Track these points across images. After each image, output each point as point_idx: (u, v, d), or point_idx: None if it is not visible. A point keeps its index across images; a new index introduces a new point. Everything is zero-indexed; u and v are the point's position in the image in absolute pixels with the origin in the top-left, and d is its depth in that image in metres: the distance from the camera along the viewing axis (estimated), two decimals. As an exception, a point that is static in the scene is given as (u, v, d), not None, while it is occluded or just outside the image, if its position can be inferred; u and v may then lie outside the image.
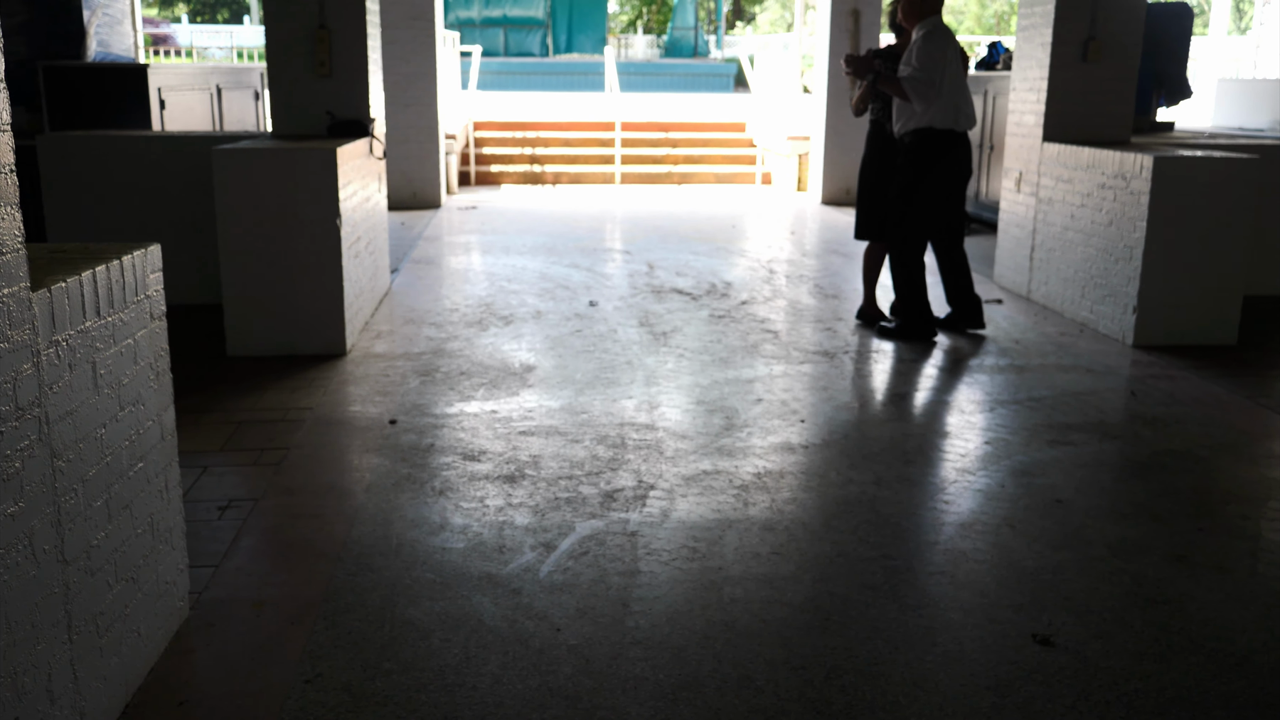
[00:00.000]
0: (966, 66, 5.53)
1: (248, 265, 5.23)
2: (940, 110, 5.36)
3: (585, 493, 3.66)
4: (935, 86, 5.30)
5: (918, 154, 5.46)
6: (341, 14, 6.12)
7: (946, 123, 5.38)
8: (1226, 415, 4.58)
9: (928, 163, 5.46)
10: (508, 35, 30.41)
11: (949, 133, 5.40)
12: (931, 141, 5.42)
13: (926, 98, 5.33)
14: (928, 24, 5.39)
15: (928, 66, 5.30)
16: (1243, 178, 5.46)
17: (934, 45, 5.33)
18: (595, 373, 5.08)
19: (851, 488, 3.73)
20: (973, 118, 5.52)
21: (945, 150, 5.45)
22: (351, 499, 3.59)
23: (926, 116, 5.37)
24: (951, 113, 5.37)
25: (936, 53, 5.32)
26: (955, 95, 5.39)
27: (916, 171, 5.48)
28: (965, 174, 5.65)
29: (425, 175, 10.96)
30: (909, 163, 5.49)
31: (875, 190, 5.77)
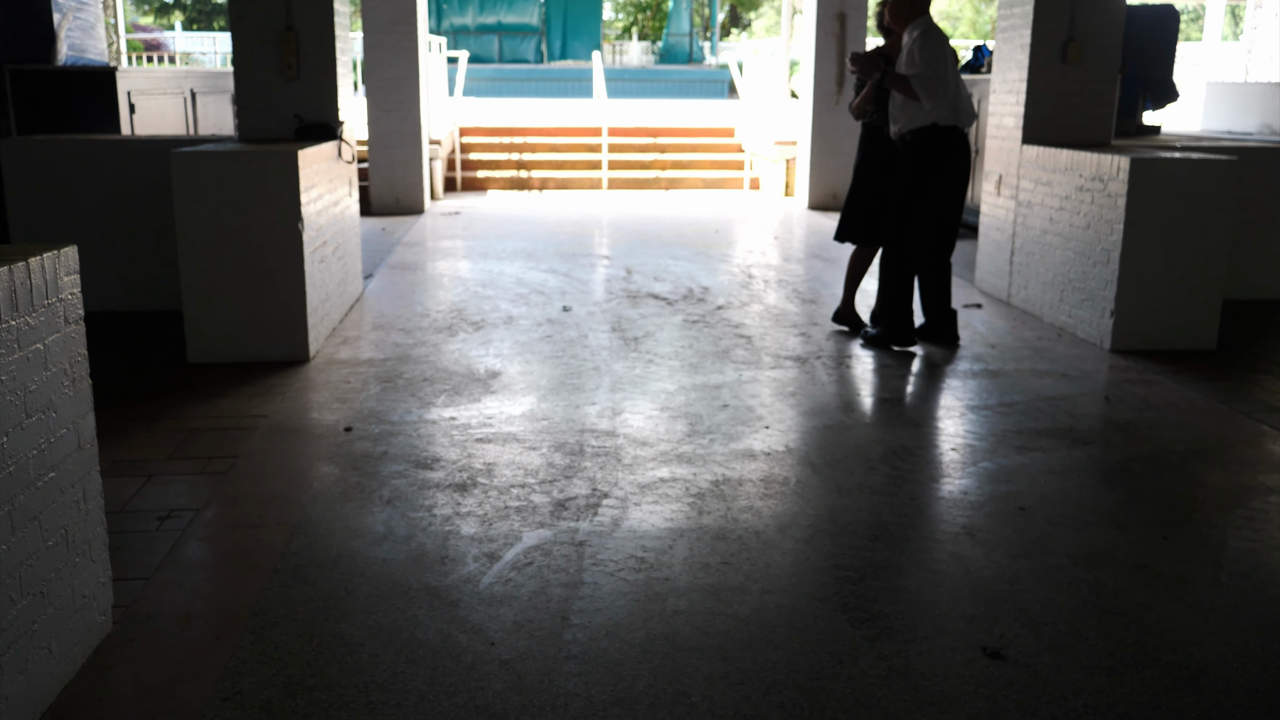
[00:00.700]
0: (957, 65, 5.43)
1: (208, 270, 5.14)
2: (944, 108, 5.24)
3: (537, 501, 3.57)
4: (942, 83, 5.20)
5: (924, 153, 5.30)
6: (309, 15, 6.04)
7: (950, 120, 5.27)
8: (1200, 421, 4.49)
9: (936, 161, 5.32)
10: (502, 42, 30.41)
11: (953, 129, 5.29)
12: (938, 140, 5.28)
13: (934, 95, 5.19)
14: (920, 24, 5.29)
15: (931, 63, 5.19)
16: (1221, 180, 5.37)
17: (932, 42, 5.24)
18: (561, 379, 4.99)
19: (810, 495, 3.64)
20: (973, 114, 5.41)
21: (952, 148, 5.33)
22: (295, 509, 3.49)
23: (932, 114, 5.24)
24: (953, 110, 5.27)
25: (937, 49, 5.23)
26: (960, 94, 5.30)
27: (923, 171, 5.33)
28: (967, 175, 5.53)
29: (408, 180, 10.88)
30: (914, 162, 5.34)
31: (870, 194, 5.62)
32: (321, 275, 5.59)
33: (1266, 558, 3.23)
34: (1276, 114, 9.37)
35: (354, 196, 6.66)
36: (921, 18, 5.31)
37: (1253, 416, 4.54)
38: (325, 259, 5.69)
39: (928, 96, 5.19)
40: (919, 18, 5.31)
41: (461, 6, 30.23)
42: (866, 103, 5.54)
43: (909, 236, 5.45)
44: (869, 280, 6.30)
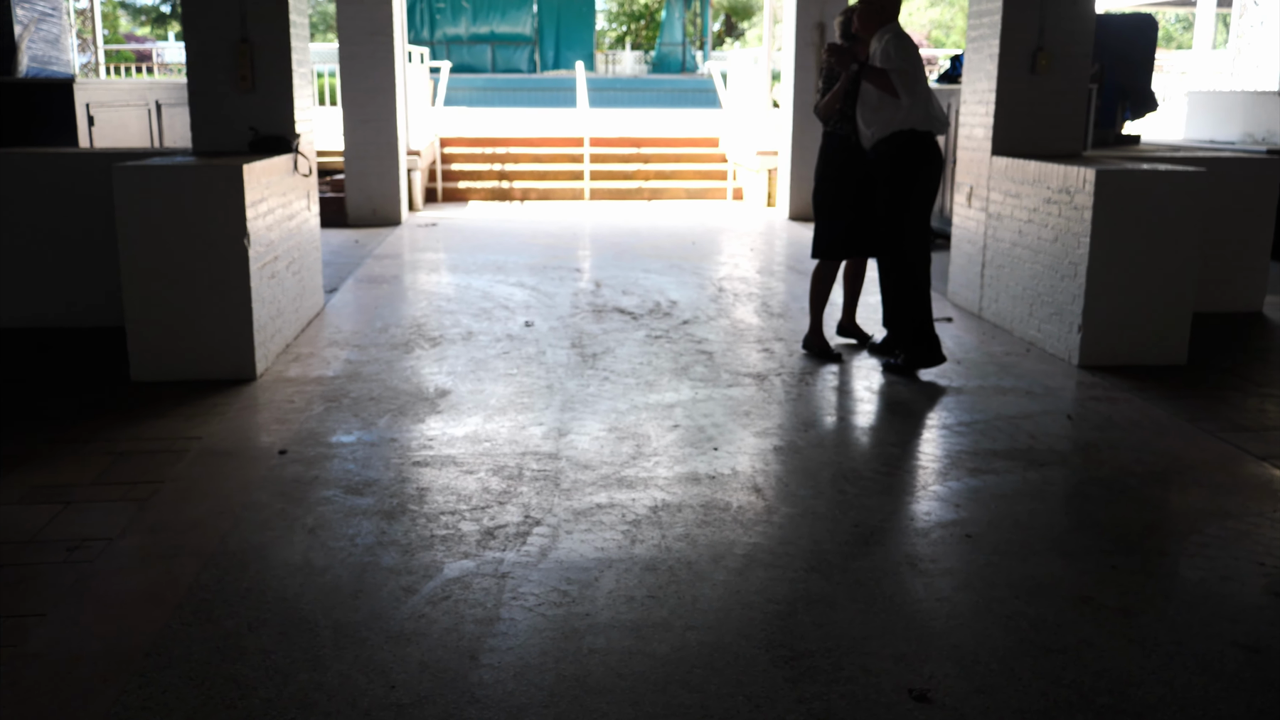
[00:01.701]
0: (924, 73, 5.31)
1: (151, 287, 5.02)
2: (919, 112, 5.11)
3: (465, 529, 3.44)
4: (916, 80, 5.07)
5: (899, 159, 5.16)
6: (264, 26, 5.93)
7: (925, 125, 5.14)
8: (1163, 440, 4.36)
9: (912, 168, 5.17)
10: (495, 52, 30.33)
11: (928, 135, 5.16)
12: (915, 144, 5.14)
13: (913, 90, 5.06)
14: (889, 29, 5.18)
15: (905, 60, 5.06)
16: (1188, 192, 5.25)
17: (906, 45, 5.14)
18: (511, 397, 4.86)
19: (750, 523, 3.51)
20: (945, 122, 5.27)
21: (928, 153, 5.19)
22: (213, 538, 3.36)
23: (907, 119, 5.10)
24: (930, 115, 5.14)
25: (911, 50, 5.12)
26: (932, 99, 5.17)
27: (902, 178, 5.18)
28: (939, 183, 5.38)
29: (385, 192, 10.77)
30: (893, 170, 5.18)
31: (836, 206, 5.47)
32: (272, 291, 5.47)
33: (1217, 588, 3.10)
34: (1258, 123, 9.26)
35: (313, 210, 6.54)
36: (890, 24, 5.20)
37: (1217, 436, 4.41)
38: (277, 274, 5.57)
39: (907, 92, 5.05)
40: (887, 24, 5.19)
41: (454, 16, 30.17)
42: (836, 100, 5.31)
43: (913, 248, 5.23)
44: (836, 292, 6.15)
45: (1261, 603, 3.02)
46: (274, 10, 5.92)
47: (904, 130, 5.12)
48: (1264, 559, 3.29)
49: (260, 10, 5.90)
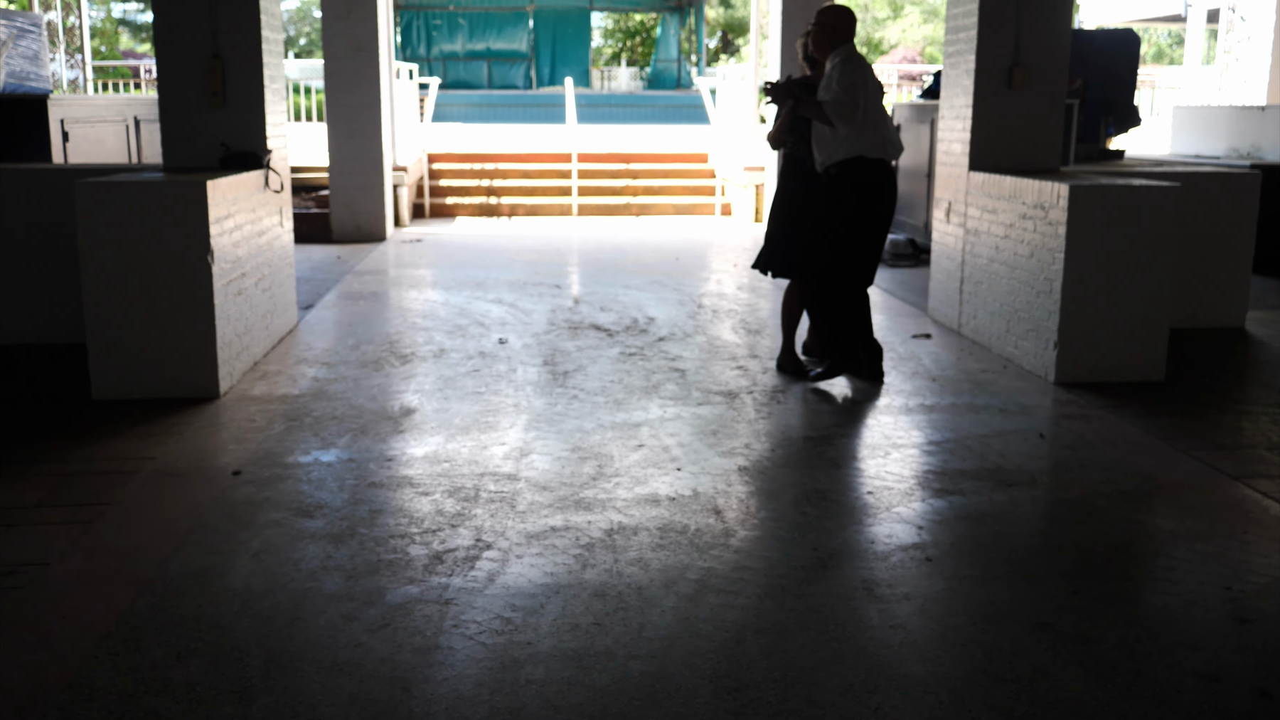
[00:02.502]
0: (882, 96, 5.22)
1: (113, 304, 4.95)
2: (870, 139, 5.04)
3: (413, 554, 3.36)
4: (858, 108, 5.00)
5: (848, 185, 5.09)
6: (236, 42, 5.89)
7: (877, 151, 5.06)
8: (1136, 459, 4.28)
9: (862, 195, 5.10)
10: (491, 68, 30.37)
11: (880, 162, 5.08)
12: (864, 172, 5.07)
13: (849, 120, 5.00)
14: (841, 52, 5.12)
15: (849, 88, 5.01)
16: (1162, 207, 5.19)
17: (853, 69, 5.06)
18: (476, 416, 4.79)
19: (707, 546, 3.42)
20: (900, 146, 5.21)
21: (879, 181, 5.13)
22: (153, 563, 3.28)
23: (857, 145, 5.03)
24: (880, 141, 5.06)
25: (856, 76, 5.04)
26: (881, 123, 5.10)
27: (850, 204, 5.11)
28: (893, 208, 5.34)
29: (369, 208, 10.72)
30: (838, 195, 5.12)
31: (791, 227, 5.42)
32: (238, 308, 5.40)
33: (1180, 615, 3.02)
34: (1243, 137, 9.21)
35: (286, 226, 6.47)
36: (844, 46, 5.14)
37: (1191, 454, 4.33)
38: (244, 291, 5.50)
39: (842, 121, 5.01)
40: (841, 46, 5.13)
41: (451, 33, 30.23)
42: (783, 132, 5.37)
43: (834, 272, 5.21)
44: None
45: (1225, 629, 2.93)
46: (246, 27, 5.88)
47: (853, 157, 5.07)
48: (1231, 583, 3.21)
49: (232, 27, 5.86)
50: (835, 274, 5.22)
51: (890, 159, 5.14)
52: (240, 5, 5.83)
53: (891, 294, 7.85)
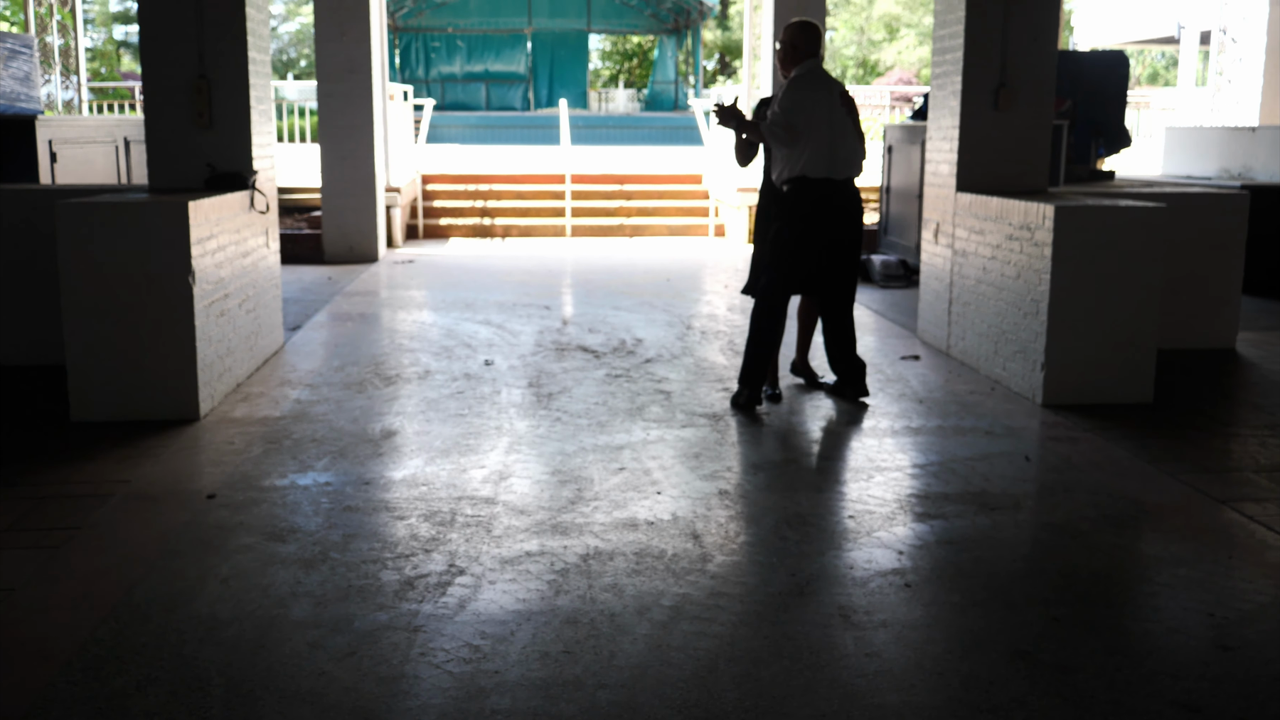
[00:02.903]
0: (852, 111, 5.20)
1: (93, 325, 4.92)
2: (812, 157, 5.02)
3: (385, 579, 3.31)
4: (791, 130, 4.99)
5: (791, 204, 5.12)
6: (222, 64, 5.88)
7: (820, 171, 5.03)
8: (1122, 482, 4.23)
9: (804, 213, 5.10)
10: (490, 90, 30.47)
11: (825, 181, 5.05)
12: (807, 191, 5.08)
13: (783, 141, 5.03)
14: (801, 68, 5.13)
15: (786, 109, 5.02)
16: (1149, 227, 5.16)
17: (797, 89, 5.06)
18: (457, 439, 4.74)
19: (683, 571, 3.37)
20: (853, 164, 5.14)
21: (819, 200, 5.07)
22: (119, 589, 3.23)
23: (799, 164, 5.04)
24: (825, 160, 5.03)
25: (799, 95, 5.04)
26: (831, 141, 5.05)
27: (794, 222, 5.12)
28: (851, 226, 5.20)
29: (362, 229, 10.70)
30: (782, 212, 5.17)
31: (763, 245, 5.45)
32: (221, 329, 5.36)
33: (1163, 642, 2.97)
34: (1234, 158, 9.21)
35: (272, 247, 6.45)
36: (806, 62, 5.13)
37: (1178, 477, 4.28)
38: (227, 312, 5.47)
39: (777, 143, 5.08)
40: (804, 61, 5.12)
41: (449, 55, 30.36)
42: (740, 151, 5.39)
43: (768, 289, 5.20)
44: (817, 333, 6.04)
45: (1207, 658, 2.88)
46: (232, 48, 5.88)
47: (796, 176, 5.08)
48: (1214, 609, 3.16)
49: (219, 48, 5.86)
50: (769, 291, 5.20)
51: (838, 178, 5.07)
52: (227, 27, 5.83)
53: (882, 315, 7.82)
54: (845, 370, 5.37)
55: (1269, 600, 3.23)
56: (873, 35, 34.72)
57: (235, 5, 5.81)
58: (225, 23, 5.81)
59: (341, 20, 10.22)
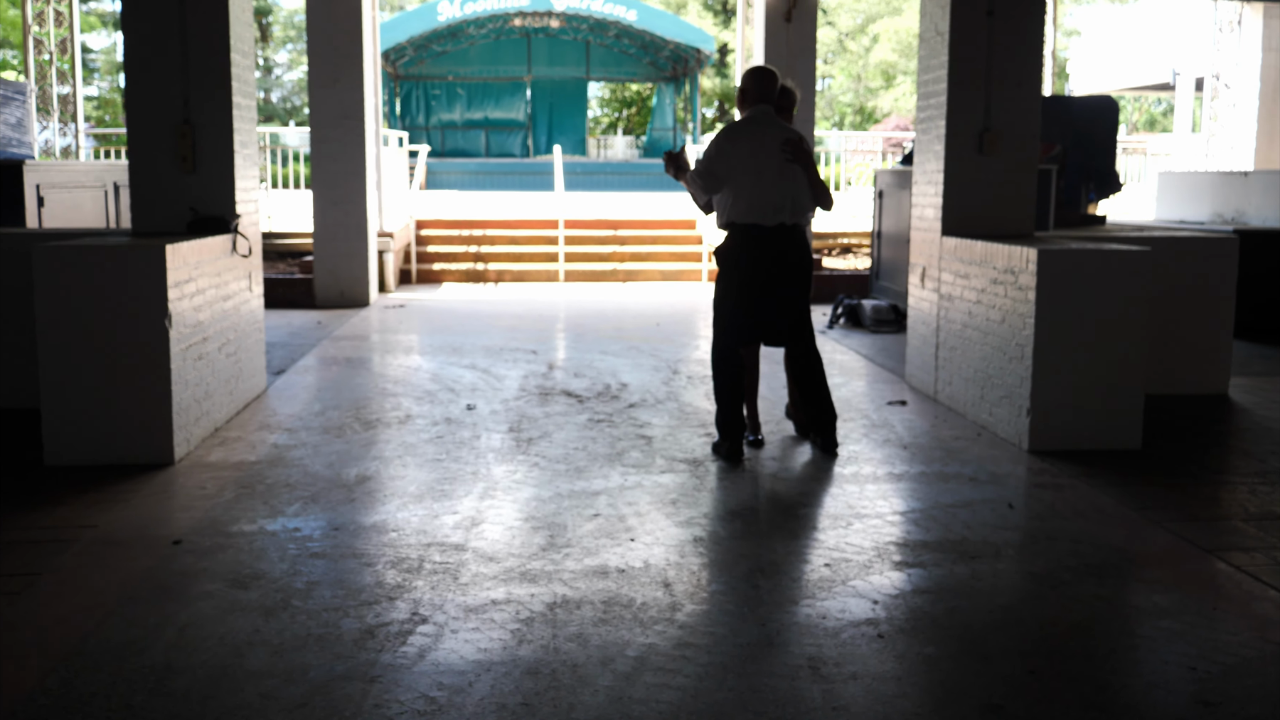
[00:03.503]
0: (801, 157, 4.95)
1: (68, 368, 4.88)
2: (736, 203, 5.01)
3: (345, 628, 3.23)
4: (709, 178, 5.04)
5: (724, 249, 5.14)
6: (207, 108, 5.90)
7: (747, 216, 4.99)
8: (1106, 530, 4.15)
9: (731, 258, 5.09)
10: (489, 137, 30.71)
11: (753, 227, 5.00)
12: (735, 236, 5.07)
13: (701, 189, 5.11)
14: (749, 113, 5.13)
15: (707, 157, 5.06)
16: (1133, 271, 5.12)
17: (724, 137, 5.09)
18: (431, 484, 4.67)
19: (651, 620, 3.29)
20: (783, 210, 4.97)
21: (745, 246, 5.02)
22: (74, 637, 3.15)
23: (728, 210, 5.06)
24: (752, 206, 4.98)
25: (724, 143, 5.05)
26: (757, 188, 4.97)
27: (725, 267, 5.14)
28: (784, 273, 5.05)
29: (353, 273, 10.70)
30: (717, 257, 5.20)
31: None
32: (199, 373, 5.32)
33: (1142, 697, 2.88)
34: (1227, 203, 9.20)
35: (255, 291, 6.42)
36: (755, 106, 5.11)
37: (1164, 525, 4.20)
38: (205, 356, 5.42)
39: (696, 192, 5.12)
40: (754, 106, 5.12)
41: (450, 103, 30.62)
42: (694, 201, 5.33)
43: (715, 337, 5.22)
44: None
45: (1188, 714, 2.79)
46: (217, 92, 5.89)
47: (727, 222, 5.11)
48: (1197, 663, 3.07)
49: (203, 93, 5.88)
50: (716, 338, 5.21)
51: (766, 224, 4.98)
52: (212, 71, 5.85)
53: (871, 360, 7.77)
54: (812, 419, 5.25)
55: (1254, 654, 3.14)
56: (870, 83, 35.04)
57: (220, 50, 5.83)
58: (210, 68, 5.83)
59: (335, 67, 10.29)
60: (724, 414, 5.14)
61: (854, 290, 10.86)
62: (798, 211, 5.07)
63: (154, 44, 5.76)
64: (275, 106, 39.22)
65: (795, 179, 5.03)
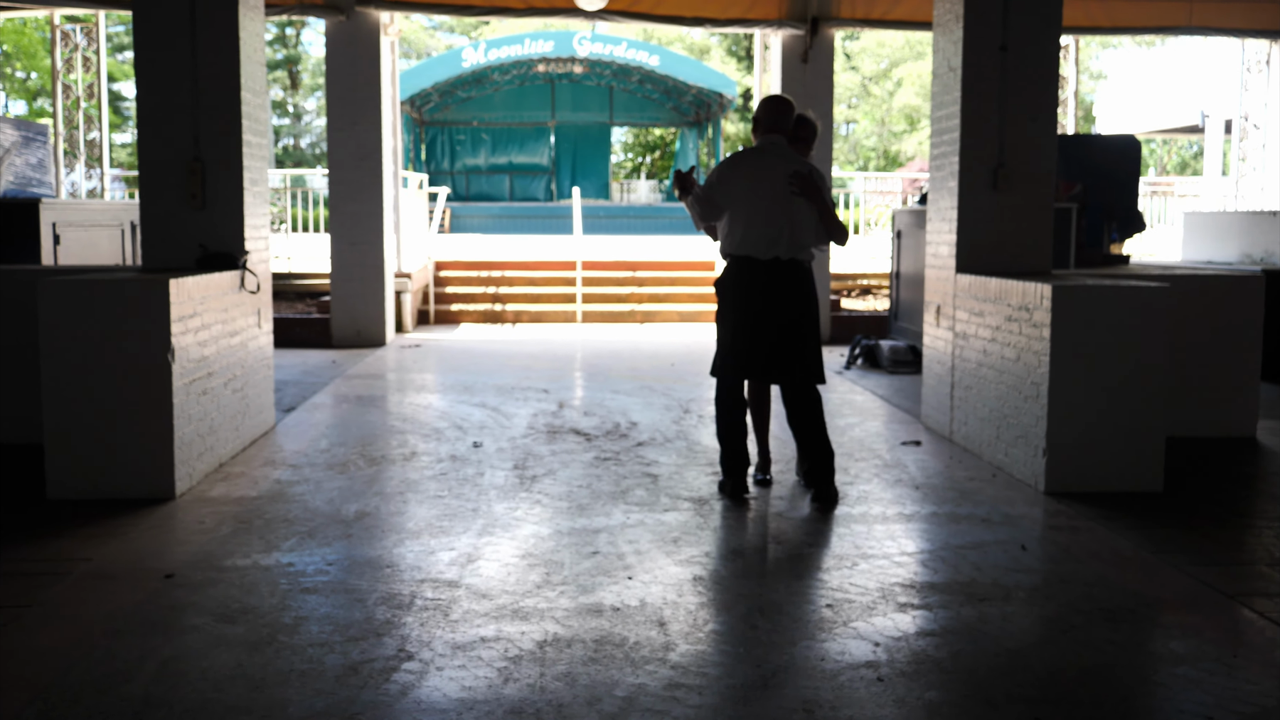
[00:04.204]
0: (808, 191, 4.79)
1: (71, 401, 4.86)
2: (732, 234, 4.92)
3: (329, 664, 3.14)
4: (707, 204, 4.91)
5: (720, 280, 5.03)
6: (217, 145, 5.93)
7: (742, 248, 4.88)
8: (1122, 574, 4.01)
9: (725, 291, 4.98)
10: (513, 181, 30.97)
11: (746, 259, 4.88)
12: (730, 268, 4.97)
13: (697, 215, 4.99)
14: (758, 142, 5.02)
15: (708, 184, 4.95)
16: (1151, 308, 5.01)
17: (727, 165, 5.00)
18: (430, 520, 4.60)
19: (643, 661, 3.19)
20: (779, 244, 4.82)
21: (737, 278, 4.90)
22: (56, 670, 3.09)
23: (726, 240, 4.97)
24: (746, 238, 4.86)
25: (726, 171, 4.95)
26: (752, 220, 4.84)
27: (722, 299, 5.03)
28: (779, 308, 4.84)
29: (370, 313, 10.71)
30: (717, 291, 5.08)
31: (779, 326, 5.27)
32: (203, 408, 5.29)
33: (1152, 744, 2.74)
34: (1255, 243, 9.06)
35: (264, 328, 6.41)
36: (766, 136, 4.98)
37: (1183, 569, 4.06)
38: (210, 391, 5.39)
39: (694, 216, 5.01)
40: (765, 135, 5.00)
41: (474, 148, 30.94)
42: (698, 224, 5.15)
43: (715, 371, 5.09)
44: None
45: (1201, 762, 2.66)
46: (227, 130, 5.93)
47: (725, 253, 5.01)
48: (1214, 712, 2.93)
49: (214, 130, 5.92)
50: (717, 375, 5.08)
51: (760, 257, 4.84)
52: (223, 109, 5.89)
53: (888, 401, 7.65)
54: (808, 469, 5.00)
55: (1276, 704, 3.00)
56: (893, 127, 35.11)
57: (231, 88, 5.87)
58: (221, 105, 5.87)
59: (354, 109, 10.37)
60: (725, 451, 5.04)
61: (873, 331, 10.76)
62: (795, 246, 4.88)
63: (166, 81, 5.81)
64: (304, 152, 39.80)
65: (797, 213, 4.86)
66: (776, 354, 4.90)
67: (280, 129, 39.94)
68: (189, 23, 5.76)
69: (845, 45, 37.96)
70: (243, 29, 5.88)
